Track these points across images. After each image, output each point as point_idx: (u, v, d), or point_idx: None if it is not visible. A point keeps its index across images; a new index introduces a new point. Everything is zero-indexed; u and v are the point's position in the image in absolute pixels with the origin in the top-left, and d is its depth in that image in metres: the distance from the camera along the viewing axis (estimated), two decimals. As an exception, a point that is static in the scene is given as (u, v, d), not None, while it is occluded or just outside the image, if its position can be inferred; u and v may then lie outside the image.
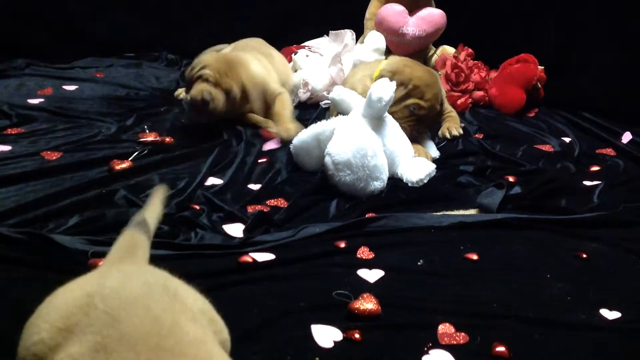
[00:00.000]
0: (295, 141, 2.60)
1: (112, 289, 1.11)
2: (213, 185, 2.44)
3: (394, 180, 2.51)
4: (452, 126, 3.07)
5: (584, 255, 2.03)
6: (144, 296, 1.11)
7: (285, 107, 3.08)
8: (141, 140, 2.76)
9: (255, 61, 3.14)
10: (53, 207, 2.13)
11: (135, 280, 1.16)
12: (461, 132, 3.05)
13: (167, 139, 2.78)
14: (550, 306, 1.77)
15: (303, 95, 3.39)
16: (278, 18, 4.23)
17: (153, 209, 1.63)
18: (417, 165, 2.54)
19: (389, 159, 2.49)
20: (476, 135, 3.10)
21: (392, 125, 2.54)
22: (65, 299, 1.11)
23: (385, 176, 2.44)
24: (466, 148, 2.94)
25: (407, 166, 2.54)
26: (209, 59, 2.94)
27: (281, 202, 2.33)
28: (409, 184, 2.49)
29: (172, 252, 1.92)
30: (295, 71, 3.53)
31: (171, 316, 1.09)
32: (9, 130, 2.79)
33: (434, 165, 2.60)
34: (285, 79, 3.37)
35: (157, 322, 1.06)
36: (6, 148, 2.59)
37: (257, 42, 3.53)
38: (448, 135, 3.02)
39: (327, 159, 2.39)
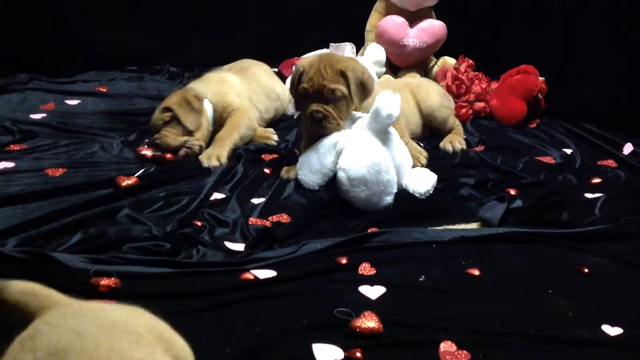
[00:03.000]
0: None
1: (51, 338, 1.09)
2: (216, 201, 2.44)
3: (399, 192, 2.50)
4: (456, 139, 3.07)
5: (586, 270, 2.03)
6: (77, 337, 1.10)
7: (229, 129, 2.93)
8: (141, 153, 2.77)
9: (212, 77, 3.13)
10: (57, 224, 2.14)
11: (64, 325, 1.13)
12: (464, 146, 3.05)
13: (168, 155, 2.78)
14: (552, 322, 1.77)
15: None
16: (279, 30, 4.26)
17: None
18: (421, 176, 2.55)
19: (396, 171, 2.49)
20: (477, 148, 3.11)
21: (395, 137, 2.54)
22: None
23: (395, 190, 2.44)
24: (467, 160, 2.95)
25: (412, 177, 2.54)
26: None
27: (284, 218, 2.34)
28: (417, 196, 2.49)
29: (173, 270, 1.92)
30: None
31: (108, 343, 1.08)
32: (12, 146, 2.81)
33: (435, 175, 2.61)
34: (261, 97, 3.26)
35: (96, 351, 1.06)
36: (10, 165, 2.61)
37: (247, 63, 3.49)
38: (450, 149, 3.02)
39: (342, 175, 2.38)
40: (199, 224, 2.25)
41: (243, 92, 3.13)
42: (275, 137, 3.05)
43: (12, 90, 3.59)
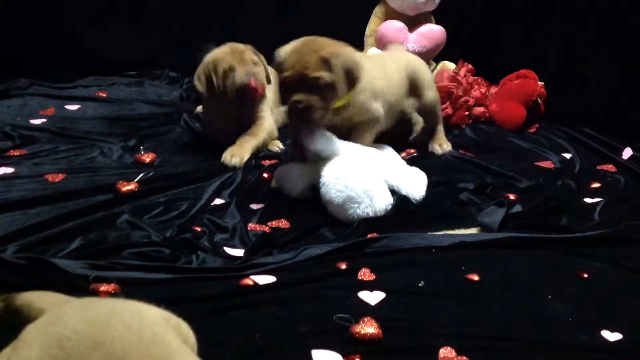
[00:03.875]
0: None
1: (76, 319, 1.09)
2: (216, 206, 2.44)
3: (396, 198, 2.50)
4: (443, 142, 3.08)
5: (585, 275, 2.03)
6: (115, 315, 1.11)
7: (254, 133, 2.95)
8: (139, 162, 2.78)
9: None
10: (56, 230, 2.14)
11: (95, 307, 1.15)
12: (450, 147, 3.07)
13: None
14: (551, 328, 1.77)
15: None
16: (278, 35, 4.25)
17: None
18: (414, 179, 2.55)
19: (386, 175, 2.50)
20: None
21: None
22: (31, 353, 1.07)
23: (381, 199, 2.43)
24: (466, 165, 2.95)
25: (405, 181, 2.53)
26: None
27: (282, 223, 2.34)
28: (414, 201, 2.49)
29: (173, 275, 1.92)
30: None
31: (150, 328, 1.10)
32: (12, 151, 2.81)
33: (424, 174, 2.63)
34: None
35: (139, 335, 1.07)
36: (10, 170, 2.61)
37: None
38: (440, 151, 3.02)
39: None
40: (199, 229, 2.25)
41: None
42: (281, 146, 3.05)
43: (12, 96, 3.60)
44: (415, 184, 2.53)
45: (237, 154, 2.80)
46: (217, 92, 2.86)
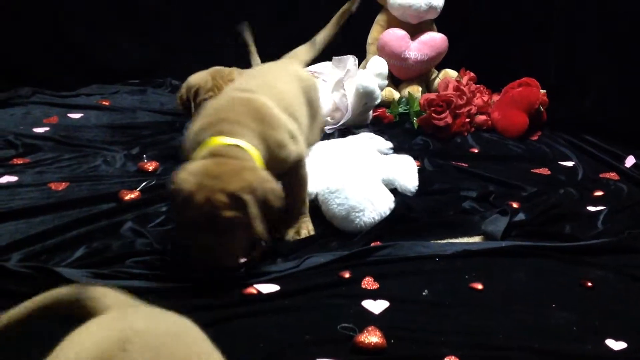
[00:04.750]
0: None
1: (144, 325, 1.11)
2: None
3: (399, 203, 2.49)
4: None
5: (589, 284, 2.03)
6: (177, 331, 1.12)
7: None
8: (142, 170, 2.78)
9: None
10: (60, 239, 2.15)
11: (161, 317, 1.16)
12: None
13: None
14: (555, 337, 1.77)
15: (307, 121, 3.41)
16: (281, 43, 4.26)
17: None
18: (405, 169, 2.56)
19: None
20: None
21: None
22: (94, 339, 1.08)
23: (382, 200, 2.43)
24: (468, 173, 2.95)
25: (397, 171, 2.53)
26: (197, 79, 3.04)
27: (285, 232, 2.34)
28: (408, 194, 2.49)
29: (176, 284, 1.93)
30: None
31: (206, 346, 1.12)
32: (15, 160, 2.81)
33: (413, 160, 2.69)
34: None
35: (197, 354, 1.08)
36: (13, 179, 2.61)
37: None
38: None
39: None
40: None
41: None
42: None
43: (15, 104, 3.60)
44: (406, 174, 2.54)
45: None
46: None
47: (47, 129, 3.25)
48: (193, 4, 4.30)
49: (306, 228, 2.30)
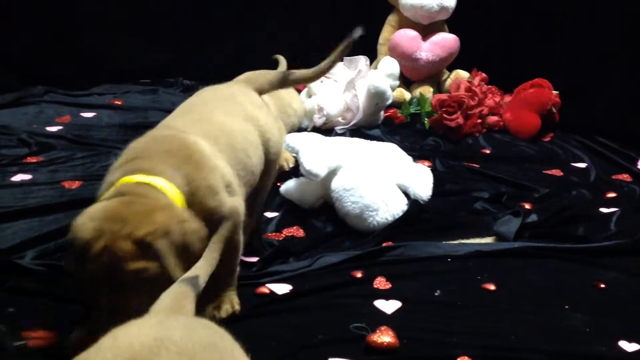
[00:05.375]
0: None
1: (181, 333, 1.10)
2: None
3: (411, 204, 2.49)
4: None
5: (602, 285, 2.03)
6: (213, 342, 1.12)
7: None
8: None
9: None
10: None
11: (200, 328, 1.15)
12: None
13: None
14: (568, 338, 1.77)
15: (318, 120, 3.41)
16: (291, 44, 4.27)
17: (207, 263, 1.47)
18: (420, 177, 2.55)
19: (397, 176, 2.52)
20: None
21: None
22: (129, 343, 1.07)
23: (396, 201, 2.44)
24: (480, 174, 2.94)
25: (412, 179, 2.53)
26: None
27: (296, 232, 2.34)
28: (421, 202, 2.49)
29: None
30: (310, 97, 3.55)
31: (240, 357, 1.12)
32: (29, 158, 2.82)
33: (430, 171, 2.64)
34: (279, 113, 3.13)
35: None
36: (27, 177, 2.63)
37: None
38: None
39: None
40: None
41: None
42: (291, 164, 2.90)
43: (28, 103, 3.62)
44: (421, 183, 2.54)
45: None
46: None
47: (60, 127, 3.26)
48: (204, 5, 4.31)
49: (229, 303, 1.82)
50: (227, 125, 1.92)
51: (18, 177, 2.62)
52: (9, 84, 3.80)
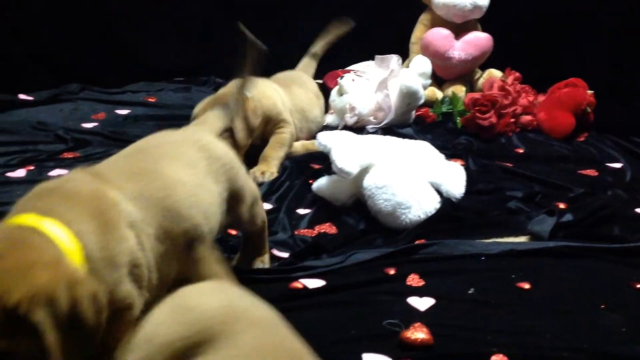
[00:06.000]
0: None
1: (251, 300, 1.13)
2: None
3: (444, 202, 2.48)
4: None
5: (638, 286, 2.00)
6: (273, 316, 1.16)
7: (276, 146, 2.90)
8: None
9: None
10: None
11: (256, 301, 1.19)
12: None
13: None
14: (605, 338, 1.74)
15: (350, 119, 3.41)
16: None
17: None
18: (453, 175, 2.53)
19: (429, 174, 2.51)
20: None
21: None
22: (202, 310, 1.09)
23: (429, 199, 2.43)
24: (513, 173, 2.92)
25: (444, 176, 2.52)
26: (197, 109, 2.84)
27: (330, 229, 2.35)
28: (453, 200, 2.47)
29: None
30: (341, 95, 3.55)
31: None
32: (65, 154, 2.87)
33: (462, 169, 2.61)
34: (304, 115, 3.26)
35: (293, 340, 1.14)
36: (64, 172, 2.66)
37: (293, 76, 3.48)
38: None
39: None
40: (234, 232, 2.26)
41: (287, 104, 3.14)
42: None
43: (64, 100, 3.68)
44: (454, 181, 2.52)
45: (267, 170, 2.78)
46: None
47: (95, 124, 3.31)
48: (237, 3, 4.34)
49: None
50: (178, 182, 1.54)
51: (55, 172, 2.67)
52: (45, 81, 3.87)
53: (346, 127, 3.39)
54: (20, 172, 2.66)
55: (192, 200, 1.55)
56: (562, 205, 2.52)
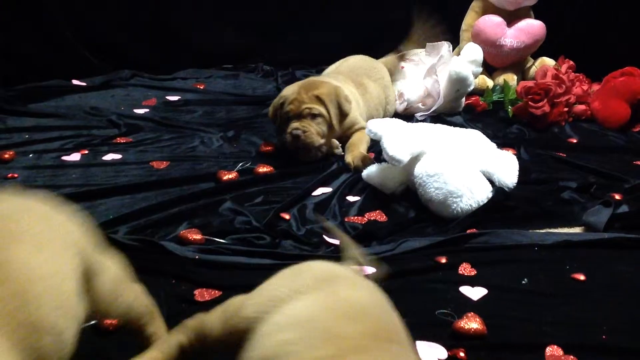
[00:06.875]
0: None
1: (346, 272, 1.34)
2: (314, 197, 2.47)
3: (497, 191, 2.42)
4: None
5: (697, 279, 1.95)
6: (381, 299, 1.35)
7: (360, 136, 2.90)
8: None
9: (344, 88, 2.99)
10: (163, 214, 2.22)
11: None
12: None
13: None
14: (663, 332, 1.70)
15: (399, 106, 3.39)
16: (373, 30, 4.25)
17: None
18: (506, 165, 2.48)
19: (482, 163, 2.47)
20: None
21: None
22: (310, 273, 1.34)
23: (481, 188, 2.39)
24: (567, 163, 2.87)
25: (497, 166, 2.46)
26: (288, 92, 2.87)
27: (380, 216, 2.34)
28: (506, 189, 2.43)
29: (274, 261, 1.96)
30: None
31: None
32: (118, 139, 2.92)
33: (515, 159, 2.53)
34: (375, 112, 3.23)
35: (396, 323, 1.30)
36: (117, 156, 2.72)
37: (364, 63, 3.43)
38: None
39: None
40: (288, 217, 2.28)
41: (362, 109, 3.12)
42: (340, 151, 2.92)
43: (115, 86, 3.75)
44: (507, 170, 2.46)
45: (360, 156, 2.74)
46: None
47: (146, 110, 3.36)
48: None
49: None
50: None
51: (109, 157, 2.72)
52: (98, 68, 3.94)
53: (396, 115, 3.37)
54: (75, 156, 2.71)
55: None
56: (617, 197, 2.46)
